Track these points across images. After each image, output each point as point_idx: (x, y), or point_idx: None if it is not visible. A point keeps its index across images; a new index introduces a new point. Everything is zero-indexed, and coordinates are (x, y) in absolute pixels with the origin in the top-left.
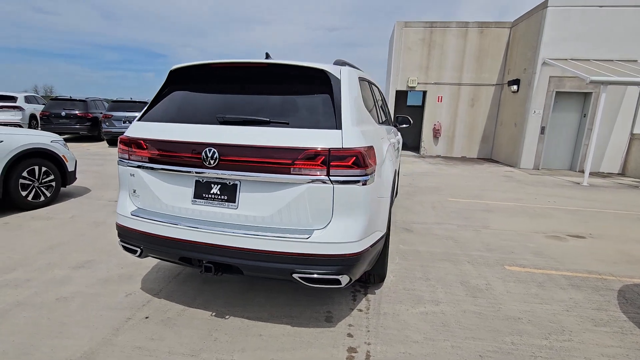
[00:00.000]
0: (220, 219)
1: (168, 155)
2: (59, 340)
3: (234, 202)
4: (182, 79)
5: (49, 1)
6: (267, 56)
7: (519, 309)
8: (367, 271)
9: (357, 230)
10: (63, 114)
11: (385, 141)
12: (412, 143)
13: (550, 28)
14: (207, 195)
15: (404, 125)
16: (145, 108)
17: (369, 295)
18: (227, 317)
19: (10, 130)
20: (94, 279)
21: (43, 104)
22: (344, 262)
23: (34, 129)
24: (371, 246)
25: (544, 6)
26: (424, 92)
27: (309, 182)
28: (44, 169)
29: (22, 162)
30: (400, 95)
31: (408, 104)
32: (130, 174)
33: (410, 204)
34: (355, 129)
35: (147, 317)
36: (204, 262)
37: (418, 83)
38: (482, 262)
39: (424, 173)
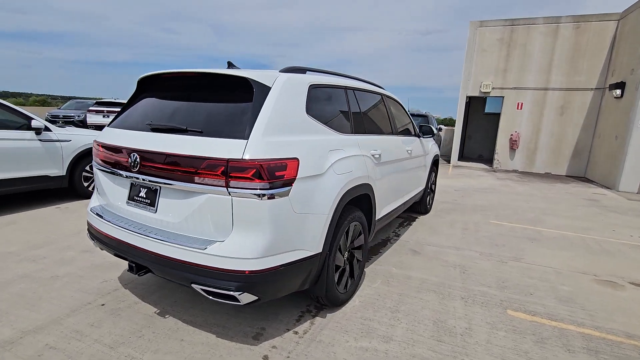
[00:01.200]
0: (143, 222)
1: (110, 159)
2: (28, 312)
3: (154, 207)
4: (145, 87)
5: (174, 22)
6: (230, 65)
7: None
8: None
9: (258, 247)
10: None
11: (345, 153)
12: (488, 155)
13: None
14: (136, 198)
15: (428, 136)
16: (115, 115)
17: (317, 318)
18: (166, 316)
19: (78, 131)
20: (89, 263)
21: None
22: (242, 279)
23: None
24: (283, 265)
25: None
26: (502, 98)
27: (209, 193)
28: None
29: (85, 159)
30: (476, 102)
31: (486, 111)
32: (96, 174)
33: (437, 223)
34: (266, 139)
35: (103, 304)
36: (129, 261)
37: (493, 88)
38: (479, 301)
39: (482, 189)
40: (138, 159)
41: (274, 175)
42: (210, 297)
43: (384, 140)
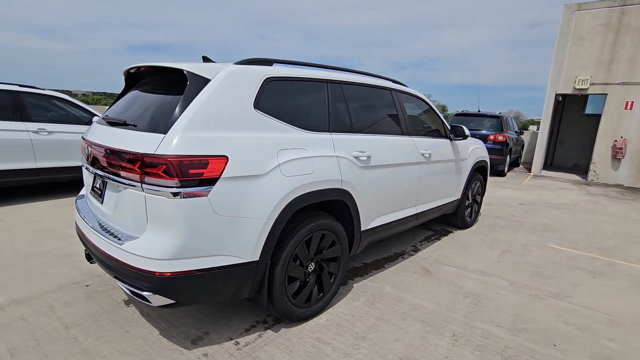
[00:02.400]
0: (95, 212)
1: (83, 151)
2: (28, 283)
3: (102, 198)
4: (126, 81)
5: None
6: (205, 59)
7: None
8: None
9: (169, 248)
10: None
11: (305, 153)
12: (586, 165)
13: None
14: (94, 189)
15: (460, 139)
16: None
17: (268, 331)
18: (130, 305)
19: None
20: None
21: None
22: (152, 281)
23: None
24: (202, 271)
25: None
26: (604, 97)
27: (129, 187)
28: None
29: None
30: (572, 102)
31: (586, 112)
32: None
33: (474, 241)
34: (188, 134)
35: (87, 285)
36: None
37: (592, 84)
38: (474, 343)
39: (556, 205)
40: (91, 152)
41: (188, 173)
42: (132, 296)
43: (380, 140)
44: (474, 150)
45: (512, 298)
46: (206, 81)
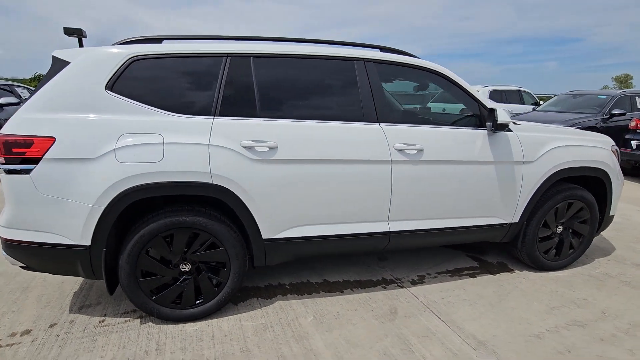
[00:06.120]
0: None
1: None
2: None
3: None
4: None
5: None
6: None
7: None
8: None
9: (4, 218)
10: None
11: (159, 139)
12: None
13: None
14: None
15: (496, 131)
16: None
17: (135, 321)
18: None
19: None
20: None
21: None
22: (3, 243)
23: None
24: (35, 244)
25: None
26: None
27: None
28: None
29: None
30: None
31: None
32: None
33: (530, 295)
34: (25, 115)
35: None
36: None
37: None
38: None
39: None
40: None
41: (11, 151)
42: None
43: (302, 128)
44: (554, 150)
45: None
46: (65, 64)
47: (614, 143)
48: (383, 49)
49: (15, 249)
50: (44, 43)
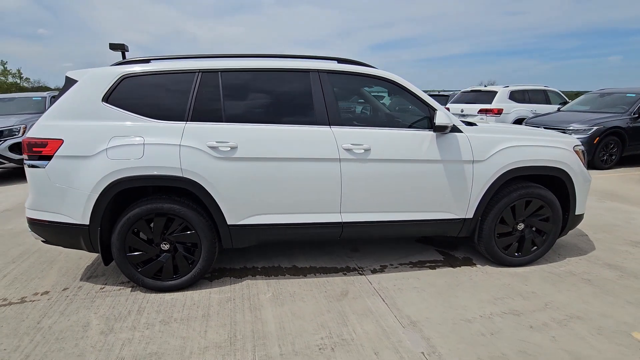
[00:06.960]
0: None
1: None
2: None
3: None
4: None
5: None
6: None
7: None
8: None
9: (29, 202)
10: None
11: (141, 140)
12: None
13: None
14: None
15: (440, 132)
16: None
17: (126, 290)
18: None
19: None
20: None
21: None
22: (29, 222)
23: None
24: (49, 222)
25: None
26: None
27: None
28: None
29: None
30: None
31: None
32: None
33: (479, 287)
34: (44, 123)
35: None
36: None
37: None
38: None
39: None
40: None
41: (32, 150)
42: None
43: (258, 131)
44: (506, 150)
45: None
46: (74, 82)
47: (579, 143)
48: (340, 60)
49: (37, 226)
50: (105, 56)
